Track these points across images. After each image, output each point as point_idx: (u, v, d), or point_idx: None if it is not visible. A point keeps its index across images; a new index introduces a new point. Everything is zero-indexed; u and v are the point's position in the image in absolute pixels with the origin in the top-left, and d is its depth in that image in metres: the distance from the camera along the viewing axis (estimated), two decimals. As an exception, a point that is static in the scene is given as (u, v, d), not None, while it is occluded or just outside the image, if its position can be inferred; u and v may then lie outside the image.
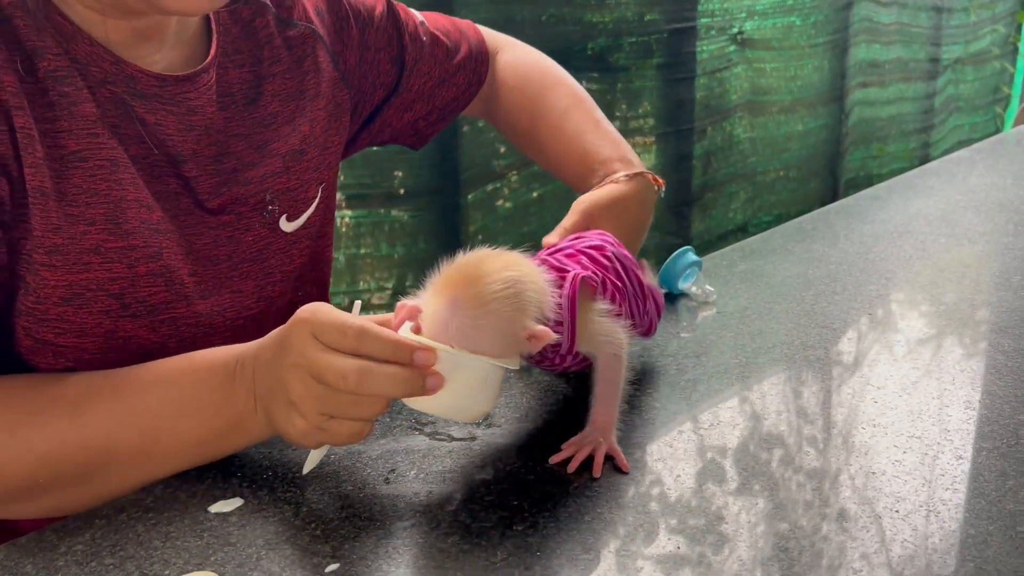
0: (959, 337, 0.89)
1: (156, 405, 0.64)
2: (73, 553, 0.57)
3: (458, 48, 0.96)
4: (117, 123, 0.68)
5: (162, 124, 0.70)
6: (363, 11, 0.89)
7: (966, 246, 1.14)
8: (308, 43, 0.82)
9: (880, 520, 0.60)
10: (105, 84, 0.68)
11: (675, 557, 0.56)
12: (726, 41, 2.25)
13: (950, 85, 3.02)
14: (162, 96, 0.70)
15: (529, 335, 0.61)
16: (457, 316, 0.60)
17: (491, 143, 1.83)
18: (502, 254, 0.63)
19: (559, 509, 0.61)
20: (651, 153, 2.16)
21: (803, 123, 2.52)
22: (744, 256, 1.12)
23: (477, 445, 0.69)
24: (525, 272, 0.62)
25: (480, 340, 0.60)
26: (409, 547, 0.57)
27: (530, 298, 0.61)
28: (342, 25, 0.86)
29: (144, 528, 0.59)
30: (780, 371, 0.82)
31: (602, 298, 0.68)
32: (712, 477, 0.65)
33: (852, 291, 1.00)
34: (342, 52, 0.86)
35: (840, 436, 0.71)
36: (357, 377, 0.57)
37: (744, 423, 0.72)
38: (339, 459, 0.67)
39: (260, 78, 0.78)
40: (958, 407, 0.75)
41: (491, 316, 0.60)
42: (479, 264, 0.61)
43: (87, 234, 0.65)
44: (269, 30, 0.79)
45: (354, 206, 1.67)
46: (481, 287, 0.60)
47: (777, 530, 0.59)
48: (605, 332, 0.68)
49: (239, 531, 0.59)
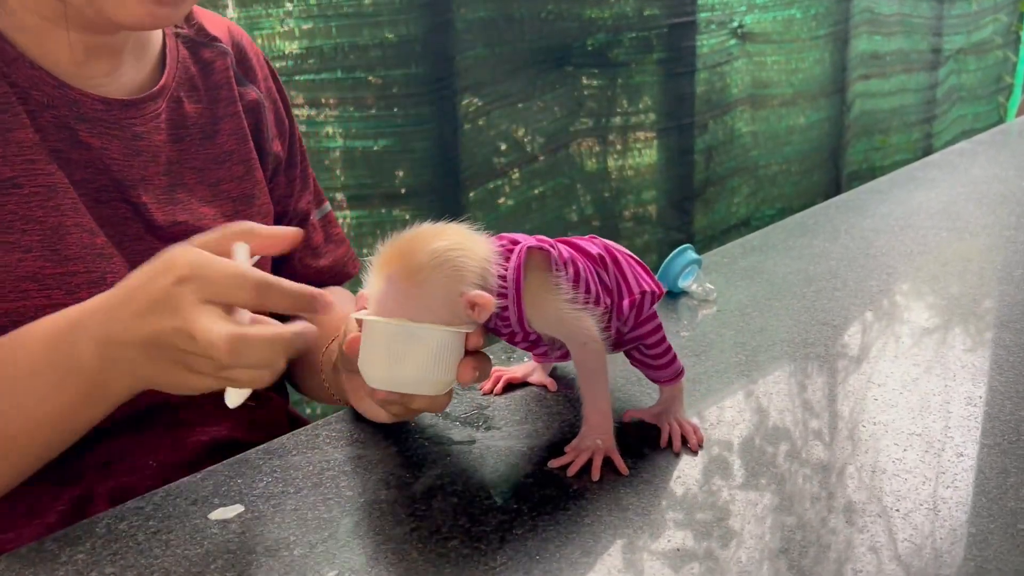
0: (961, 332, 0.89)
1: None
2: (74, 562, 0.57)
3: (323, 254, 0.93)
4: (60, 148, 0.68)
5: (107, 148, 0.70)
6: (297, 141, 0.89)
7: (968, 239, 1.14)
8: (259, 109, 0.83)
9: (881, 517, 0.60)
10: (48, 108, 0.67)
11: (682, 552, 0.56)
12: (726, 35, 2.24)
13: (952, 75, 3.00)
14: (107, 120, 0.70)
15: (468, 301, 0.60)
16: (393, 291, 0.60)
17: (491, 141, 1.83)
18: (437, 227, 0.62)
19: (559, 512, 0.61)
20: (652, 148, 2.16)
21: (805, 116, 2.51)
22: (745, 252, 1.11)
23: (476, 448, 0.69)
24: (458, 241, 0.61)
25: (420, 312, 0.60)
26: (409, 552, 0.57)
27: (464, 264, 0.60)
28: (280, 127, 0.87)
29: (144, 537, 0.59)
30: (781, 369, 0.82)
31: (561, 273, 0.64)
32: (718, 472, 0.65)
33: (853, 287, 0.99)
34: (276, 137, 0.86)
35: (842, 433, 0.71)
36: (242, 347, 0.53)
37: (747, 420, 0.72)
38: (339, 464, 0.67)
39: (217, 116, 0.79)
40: (960, 403, 0.74)
41: (424, 286, 0.60)
42: (411, 239, 0.61)
43: (23, 261, 0.65)
44: (228, 74, 0.80)
45: (355, 206, 1.67)
46: (411, 260, 0.60)
47: (783, 524, 0.59)
48: (560, 317, 0.63)
49: (239, 538, 0.59)
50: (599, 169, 2.07)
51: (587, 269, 0.65)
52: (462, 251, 0.61)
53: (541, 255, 0.64)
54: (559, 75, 1.94)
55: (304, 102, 1.52)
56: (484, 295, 0.60)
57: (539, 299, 0.63)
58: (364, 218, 1.69)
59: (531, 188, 1.94)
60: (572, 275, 0.64)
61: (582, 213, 2.07)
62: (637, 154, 2.14)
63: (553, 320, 0.64)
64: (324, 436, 0.71)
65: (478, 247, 0.62)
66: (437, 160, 1.70)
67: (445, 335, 0.61)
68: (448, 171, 1.73)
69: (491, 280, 0.61)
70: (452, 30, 1.68)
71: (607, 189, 2.11)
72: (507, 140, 1.87)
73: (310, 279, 0.90)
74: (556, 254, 0.64)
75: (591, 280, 0.65)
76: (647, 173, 2.16)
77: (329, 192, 1.60)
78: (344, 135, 1.59)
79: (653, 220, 2.20)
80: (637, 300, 0.67)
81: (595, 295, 0.65)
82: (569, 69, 1.96)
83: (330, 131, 1.58)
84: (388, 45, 1.59)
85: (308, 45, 1.51)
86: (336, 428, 0.72)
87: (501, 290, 0.62)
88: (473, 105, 1.76)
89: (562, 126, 1.97)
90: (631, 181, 2.14)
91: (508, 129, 1.86)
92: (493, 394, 0.77)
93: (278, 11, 1.46)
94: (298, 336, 0.56)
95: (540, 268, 0.63)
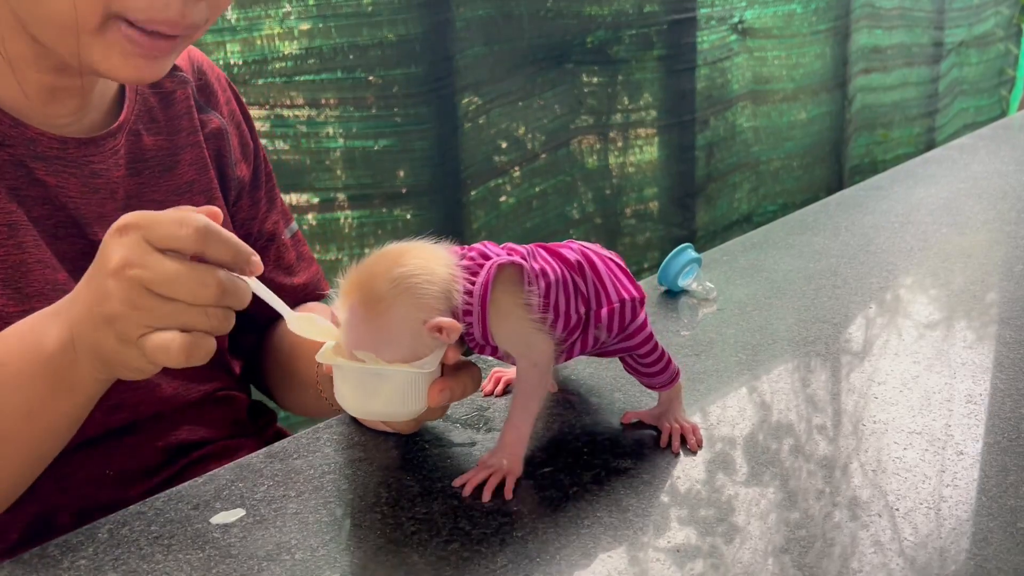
0: (962, 329, 0.88)
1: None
2: (76, 568, 0.57)
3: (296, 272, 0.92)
4: (17, 186, 0.68)
5: (63, 187, 0.70)
6: (263, 161, 0.89)
7: (968, 235, 1.14)
8: (222, 136, 0.83)
9: (882, 516, 0.60)
10: (3, 146, 0.67)
11: (683, 551, 0.56)
12: (727, 31, 2.23)
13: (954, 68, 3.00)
14: (64, 158, 0.70)
15: (431, 328, 0.59)
16: (356, 321, 0.59)
17: (492, 139, 1.83)
18: (398, 250, 0.61)
19: (559, 514, 0.61)
20: (653, 145, 2.15)
21: (806, 111, 2.51)
22: (745, 250, 1.11)
23: (477, 450, 0.69)
24: (418, 265, 0.60)
25: (385, 342, 0.59)
26: (409, 555, 0.57)
27: (425, 291, 0.59)
28: (245, 150, 0.87)
29: (146, 542, 0.59)
30: (783, 366, 0.82)
31: (532, 288, 0.62)
32: (720, 470, 0.65)
33: (853, 284, 0.99)
34: (240, 161, 0.86)
35: (843, 430, 0.71)
36: (191, 274, 0.54)
37: (749, 418, 0.72)
38: (339, 468, 0.67)
39: (177, 147, 0.78)
40: (961, 401, 0.74)
41: (385, 316, 0.59)
42: (371, 266, 0.60)
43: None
44: (188, 103, 0.80)
45: (356, 206, 1.67)
46: (372, 290, 0.59)
47: (786, 520, 0.59)
48: (521, 335, 0.62)
49: (240, 543, 0.59)
50: (600, 166, 2.07)
51: (562, 278, 0.64)
52: (423, 276, 0.59)
53: (513, 269, 0.62)
54: (559, 73, 1.94)
55: (304, 102, 1.53)
56: (449, 322, 0.59)
57: (504, 314, 0.62)
58: (365, 218, 1.69)
59: (532, 186, 1.94)
60: (543, 289, 0.62)
61: (583, 211, 2.07)
62: (638, 151, 2.14)
63: (512, 335, 0.63)
64: (325, 439, 0.71)
65: (440, 268, 0.61)
66: (437, 159, 1.70)
67: (409, 375, 0.60)
68: (449, 170, 1.73)
69: (456, 299, 0.60)
70: (451, 29, 1.68)
71: (608, 186, 2.11)
72: (507, 138, 1.87)
73: (286, 298, 0.89)
74: (529, 267, 0.62)
75: (563, 292, 0.64)
76: (648, 170, 2.16)
77: (330, 192, 1.61)
78: (344, 135, 1.59)
79: (655, 217, 2.20)
80: (616, 308, 0.66)
81: (564, 310, 0.64)
82: (569, 66, 1.96)
83: (330, 131, 1.58)
84: (387, 45, 1.59)
85: (308, 45, 1.51)
86: (337, 431, 0.73)
87: (467, 307, 0.61)
88: (473, 104, 1.76)
89: (562, 124, 1.97)
90: (632, 178, 2.14)
91: (508, 127, 1.86)
92: (494, 396, 0.77)
93: (277, 12, 1.46)
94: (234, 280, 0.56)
95: (510, 282, 0.62)
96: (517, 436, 0.64)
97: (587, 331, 0.65)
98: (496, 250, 0.64)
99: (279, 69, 1.48)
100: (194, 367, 0.78)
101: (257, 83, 1.46)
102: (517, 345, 0.63)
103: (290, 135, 1.52)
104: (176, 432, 0.77)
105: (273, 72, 1.48)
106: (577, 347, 0.66)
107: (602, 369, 0.81)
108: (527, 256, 0.64)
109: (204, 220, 0.55)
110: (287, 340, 0.87)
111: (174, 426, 0.77)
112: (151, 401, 0.74)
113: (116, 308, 0.55)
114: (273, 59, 1.47)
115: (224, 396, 0.82)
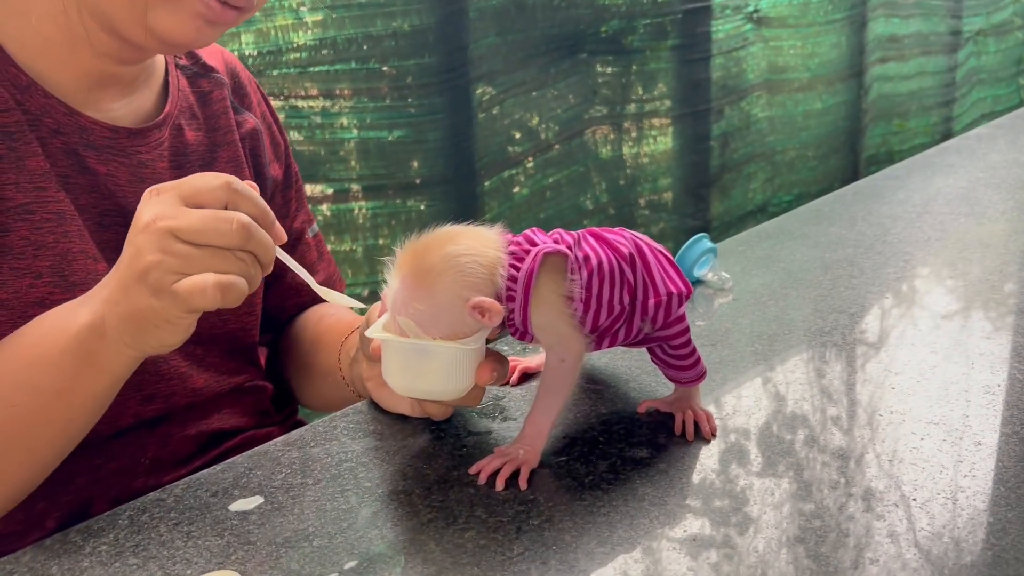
0: (980, 319, 0.88)
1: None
2: (98, 554, 0.58)
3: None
4: (67, 174, 0.69)
5: (113, 175, 0.71)
6: (291, 161, 0.91)
7: (987, 225, 1.13)
8: (256, 136, 0.84)
9: (899, 506, 0.60)
10: (57, 135, 0.68)
11: (698, 541, 0.57)
12: (741, 20, 2.22)
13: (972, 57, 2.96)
14: (114, 147, 0.71)
15: (473, 307, 0.60)
16: (404, 292, 0.61)
17: (506, 130, 1.83)
18: (453, 230, 0.63)
19: (575, 503, 0.61)
20: (668, 135, 2.14)
21: (822, 101, 2.49)
22: (761, 240, 1.11)
23: (492, 439, 0.69)
24: (469, 246, 0.61)
25: (430, 316, 0.61)
26: (426, 542, 0.57)
27: (472, 271, 0.60)
28: (276, 150, 0.88)
29: (166, 528, 0.60)
30: (799, 357, 0.81)
31: (575, 279, 0.62)
32: (735, 460, 0.65)
33: (870, 274, 0.99)
34: (273, 161, 0.87)
35: (860, 421, 0.71)
36: (239, 226, 0.56)
37: (764, 408, 0.72)
38: (356, 456, 0.68)
39: (215, 145, 0.80)
40: (978, 392, 0.74)
41: (432, 289, 0.60)
42: (426, 241, 0.62)
43: (33, 287, 0.66)
44: (225, 104, 0.81)
45: (370, 197, 1.67)
46: (422, 262, 0.61)
47: (801, 511, 0.59)
48: (555, 327, 0.63)
49: (259, 529, 0.59)
50: (614, 157, 2.07)
51: (609, 267, 0.64)
52: (473, 256, 0.61)
53: (558, 258, 0.63)
54: (573, 63, 1.93)
55: (318, 93, 1.53)
56: (489, 302, 0.60)
57: (542, 301, 0.62)
58: (379, 208, 1.69)
59: (546, 177, 1.94)
60: (585, 278, 0.62)
61: (597, 201, 2.07)
62: (652, 141, 2.13)
63: (547, 326, 0.63)
64: (342, 427, 0.72)
65: (490, 251, 0.62)
66: (451, 150, 1.70)
67: (457, 351, 0.61)
68: (463, 161, 1.73)
69: (501, 284, 0.61)
70: (465, 19, 1.67)
71: (622, 177, 2.10)
72: (521, 129, 1.86)
73: (305, 297, 0.90)
74: (574, 257, 0.63)
75: (607, 282, 0.63)
76: (662, 160, 2.15)
77: (344, 183, 1.61)
78: (358, 126, 1.59)
79: (669, 207, 2.19)
80: (663, 301, 0.66)
81: (607, 299, 0.63)
82: (583, 56, 1.95)
83: (344, 122, 1.58)
84: (401, 35, 1.59)
85: (322, 36, 1.51)
86: (354, 420, 0.73)
87: (510, 293, 0.62)
88: (487, 94, 1.76)
89: (576, 114, 1.96)
90: (646, 168, 2.13)
91: (522, 118, 1.86)
92: (509, 385, 0.77)
93: (291, 1, 1.46)
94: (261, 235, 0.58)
95: (554, 270, 0.62)
96: (537, 431, 0.65)
97: (631, 322, 0.66)
98: (543, 237, 0.65)
99: (293, 60, 1.48)
100: (226, 360, 0.79)
101: (271, 74, 1.47)
102: (549, 337, 0.64)
103: (304, 126, 1.52)
104: (207, 421, 0.78)
105: (287, 63, 1.48)
106: (621, 335, 0.66)
107: (617, 359, 0.81)
108: (574, 244, 0.64)
109: (232, 177, 0.58)
110: (309, 333, 0.88)
111: (205, 415, 0.78)
112: (183, 392, 0.75)
113: (147, 260, 0.56)
114: (287, 50, 1.47)
115: (251, 387, 0.83)
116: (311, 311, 0.91)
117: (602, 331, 0.65)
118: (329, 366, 0.82)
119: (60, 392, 0.62)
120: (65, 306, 0.63)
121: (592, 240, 0.66)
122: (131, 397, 0.72)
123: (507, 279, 0.61)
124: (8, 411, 0.61)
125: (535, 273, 0.61)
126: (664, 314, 0.67)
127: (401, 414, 0.72)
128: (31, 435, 0.63)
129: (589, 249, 0.64)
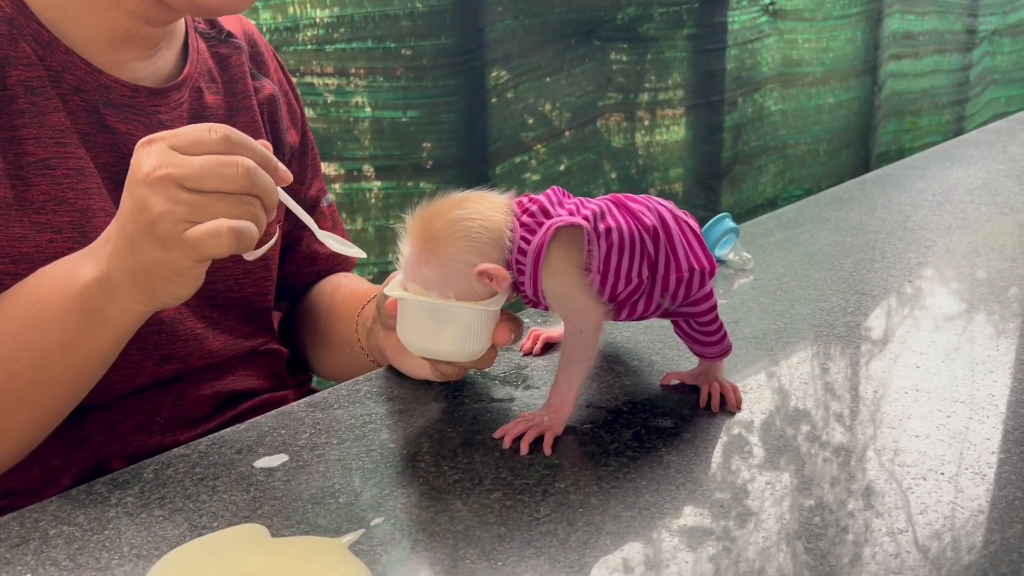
0: (1000, 307, 0.88)
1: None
2: (124, 505, 0.57)
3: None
4: (87, 131, 0.68)
5: (132, 134, 0.70)
6: (307, 128, 0.90)
7: (1008, 215, 1.12)
8: (274, 102, 0.84)
9: (907, 494, 0.59)
10: (78, 92, 0.68)
11: (726, 508, 0.56)
12: (758, 12, 2.21)
13: (986, 57, 2.96)
14: (134, 106, 0.71)
15: (479, 273, 0.60)
16: (414, 257, 0.61)
17: (519, 115, 1.82)
18: (462, 195, 0.62)
19: (600, 468, 0.61)
20: (680, 125, 2.14)
21: (835, 95, 2.48)
22: (780, 225, 1.11)
23: (515, 406, 0.69)
24: (476, 210, 0.61)
25: (439, 282, 0.61)
26: (452, 502, 0.57)
27: (476, 236, 0.60)
28: (293, 117, 0.87)
29: (191, 482, 0.60)
30: (818, 338, 0.81)
31: (592, 249, 0.61)
32: (761, 431, 0.65)
33: (891, 259, 0.99)
34: (290, 128, 0.87)
35: (878, 403, 0.70)
36: (246, 169, 0.54)
37: (785, 389, 0.72)
38: (381, 418, 0.67)
39: (234, 109, 0.79)
40: (1004, 373, 0.74)
41: (439, 254, 0.60)
42: (436, 206, 0.62)
43: (53, 242, 0.65)
44: (243, 69, 0.81)
45: (383, 177, 1.67)
46: (429, 228, 0.61)
47: (803, 505, 0.59)
48: (570, 298, 0.62)
49: (284, 486, 0.59)
50: (626, 145, 2.06)
51: (630, 239, 0.62)
52: (478, 220, 0.60)
53: (573, 229, 0.61)
54: (588, 49, 1.92)
55: (334, 71, 1.52)
56: (495, 268, 0.60)
57: (555, 272, 0.62)
58: (391, 189, 1.69)
59: (557, 163, 1.93)
60: (604, 250, 0.62)
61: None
62: (665, 130, 2.12)
63: (562, 297, 0.63)
64: (365, 391, 0.72)
65: (496, 216, 0.61)
66: (464, 132, 1.70)
67: (474, 313, 0.61)
68: (475, 144, 1.73)
69: (509, 247, 0.61)
70: (482, 1, 1.67)
71: (634, 165, 2.10)
72: (534, 114, 1.86)
73: (319, 265, 0.90)
74: (589, 229, 0.61)
75: (627, 254, 0.62)
76: (675, 150, 2.15)
77: (357, 163, 1.61)
78: (373, 105, 1.59)
79: (679, 198, 2.19)
80: (684, 278, 0.65)
81: (625, 271, 0.62)
82: (598, 43, 1.94)
83: (359, 101, 1.58)
84: (418, 15, 1.58)
85: (339, 14, 1.50)
86: (376, 384, 0.73)
87: (519, 265, 0.61)
88: (501, 78, 1.75)
89: (590, 101, 1.96)
90: (658, 158, 2.13)
91: (536, 103, 1.85)
92: (532, 354, 0.77)
93: (310, -22, 1.46)
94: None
95: (569, 242, 0.61)
96: (562, 400, 0.64)
97: (651, 295, 0.65)
98: (561, 207, 0.63)
99: (310, 37, 1.48)
100: (241, 324, 0.79)
101: (287, 51, 1.46)
102: (565, 308, 0.63)
103: (319, 103, 1.52)
104: (222, 382, 0.77)
105: (304, 40, 1.47)
106: (640, 307, 0.65)
107: (639, 332, 0.81)
108: (596, 214, 0.63)
109: (229, 128, 0.56)
110: (324, 303, 0.87)
111: (220, 376, 0.77)
112: (200, 354, 0.75)
113: (154, 211, 0.54)
114: (303, 27, 1.47)
115: (266, 350, 0.83)
116: (325, 281, 0.90)
117: (620, 301, 0.64)
118: (346, 336, 0.82)
119: (64, 348, 0.61)
120: (64, 261, 0.62)
121: (615, 210, 0.65)
122: (148, 357, 0.71)
123: (517, 251, 0.61)
124: (11, 368, 0.61)
125: (545, 247, 0.61)
126: (685, 291, 0.66)
127: (423, 379, 0.72)
128: (35, 391, 0.62)
129: (612, 220, 0.63)
